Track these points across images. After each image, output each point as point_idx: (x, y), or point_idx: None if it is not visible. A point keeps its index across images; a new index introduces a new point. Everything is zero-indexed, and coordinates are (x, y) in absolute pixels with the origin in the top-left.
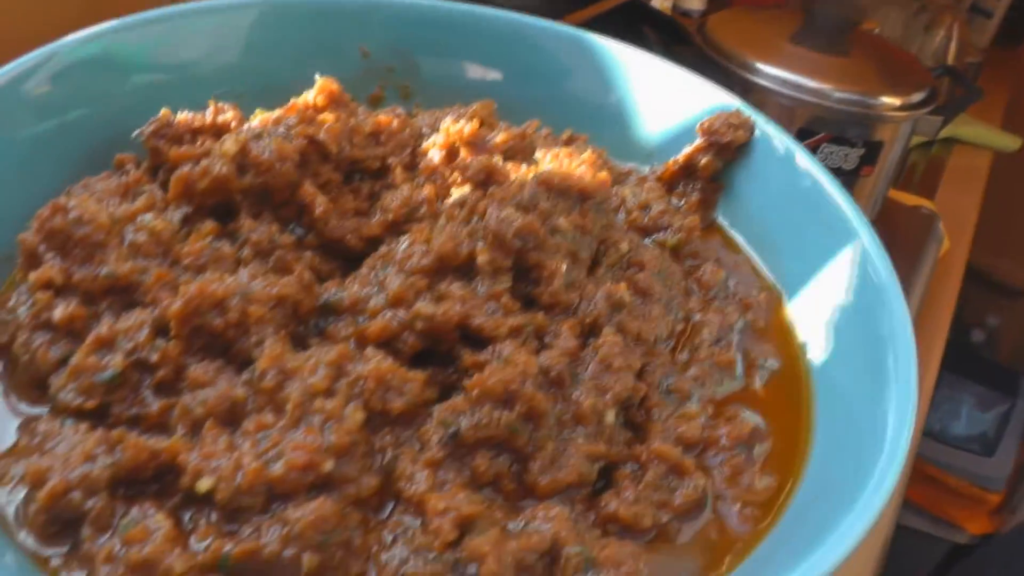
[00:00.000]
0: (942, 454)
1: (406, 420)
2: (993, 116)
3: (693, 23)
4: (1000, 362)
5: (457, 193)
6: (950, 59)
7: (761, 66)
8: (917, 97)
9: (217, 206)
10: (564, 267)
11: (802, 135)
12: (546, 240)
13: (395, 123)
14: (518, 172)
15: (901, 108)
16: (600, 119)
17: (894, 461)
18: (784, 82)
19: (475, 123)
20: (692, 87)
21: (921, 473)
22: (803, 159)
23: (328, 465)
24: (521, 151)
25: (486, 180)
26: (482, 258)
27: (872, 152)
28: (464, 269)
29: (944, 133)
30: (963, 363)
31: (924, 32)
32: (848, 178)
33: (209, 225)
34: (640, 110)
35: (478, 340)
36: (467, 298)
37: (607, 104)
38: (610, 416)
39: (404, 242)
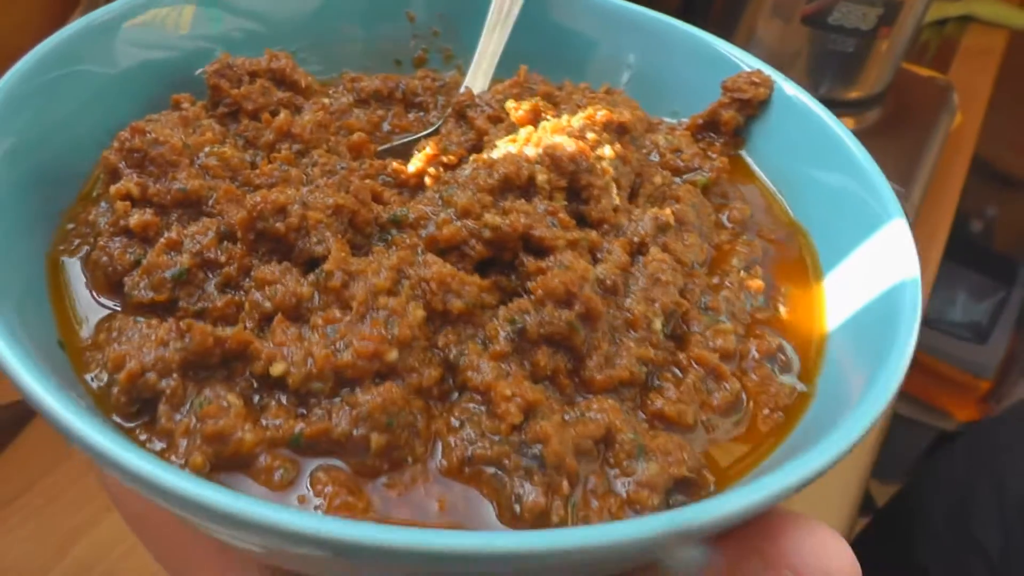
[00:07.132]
0: (936, 340)
1: (465, 320)
2: None
3: None
4: (997, 252)
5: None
6: None
7: None
8: None
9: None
10: (613, 188)
11: None
12: (595, 164)
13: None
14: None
15: None
16: (629, 81)
17: (894, 377)
18: None
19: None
20: (715, 49)
21: (915, 361)
22: (820, 112)
23: (392, 354)
24: (562, 100)
25: (534, 120)
26: (541, 178)
27: (891, 12)
28: (523, 190)
29: (960, 10)
30: (961, 252)
31: None
32: (864, 40)
33: (285, 153)
34: (665, 72)
35: (539, 250)
36: (529, 212)
37: (635, 67)
38: (657, 323)
39: (467, 168)
